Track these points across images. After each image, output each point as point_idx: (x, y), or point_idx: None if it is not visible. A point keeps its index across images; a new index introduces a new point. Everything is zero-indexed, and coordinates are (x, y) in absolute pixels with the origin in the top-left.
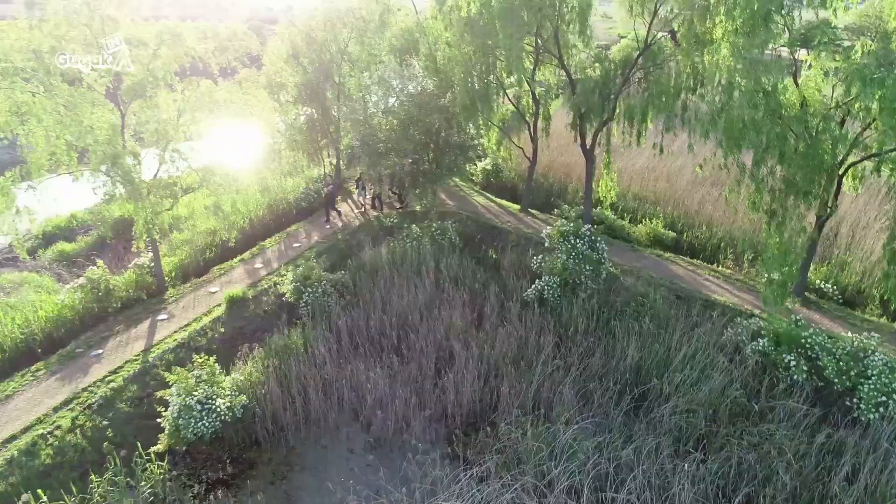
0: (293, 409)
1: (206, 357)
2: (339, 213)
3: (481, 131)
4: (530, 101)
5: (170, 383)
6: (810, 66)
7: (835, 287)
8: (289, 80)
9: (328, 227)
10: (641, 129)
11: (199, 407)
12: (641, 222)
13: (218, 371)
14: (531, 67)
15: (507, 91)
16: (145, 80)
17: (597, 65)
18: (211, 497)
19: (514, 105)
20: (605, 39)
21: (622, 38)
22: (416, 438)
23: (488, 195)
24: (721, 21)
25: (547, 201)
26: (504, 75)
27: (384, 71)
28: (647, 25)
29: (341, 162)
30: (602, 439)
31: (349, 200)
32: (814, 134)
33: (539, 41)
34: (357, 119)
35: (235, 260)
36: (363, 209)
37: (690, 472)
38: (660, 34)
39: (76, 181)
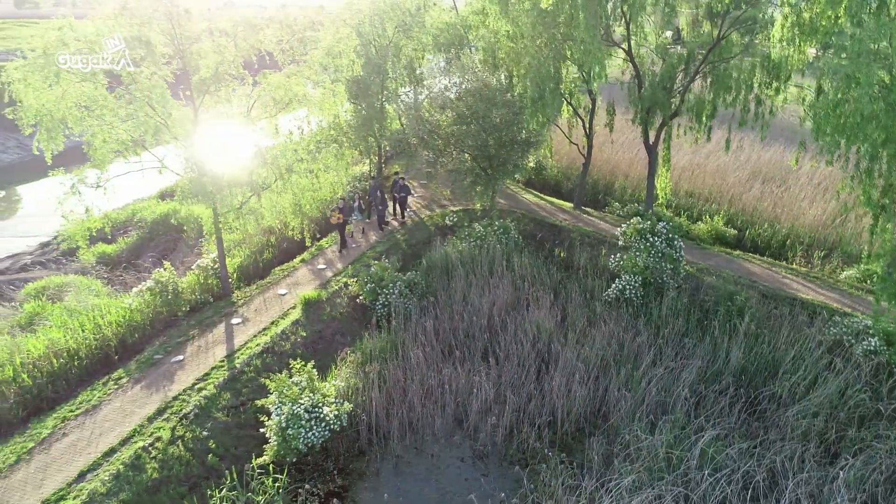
0: (398, 416)
1: (303, 363)
2: (345, 243)
3: (546, 126)
4: (584, 96)
5: (270, 391)
6: None
7: None
8: (341, 76)
9: (342, 252)
10: (709, 124)
11: (306, 416)
12: (699, 220)
13: (316, 377)
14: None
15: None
16: (222, 73)
17: (660, 59)
18: None
19: (566, 100)
20: None
21: None
22: (531, 445)
23: (536, 193)
24: (822, 9)
25: (594, 198)
26: (568, 71)
27: (440, 64)
28: (721, 18)
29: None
30: (745, 445)
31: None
32: None
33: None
34: (413, 114)
35: (297, 260)
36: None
37: (846, 478)
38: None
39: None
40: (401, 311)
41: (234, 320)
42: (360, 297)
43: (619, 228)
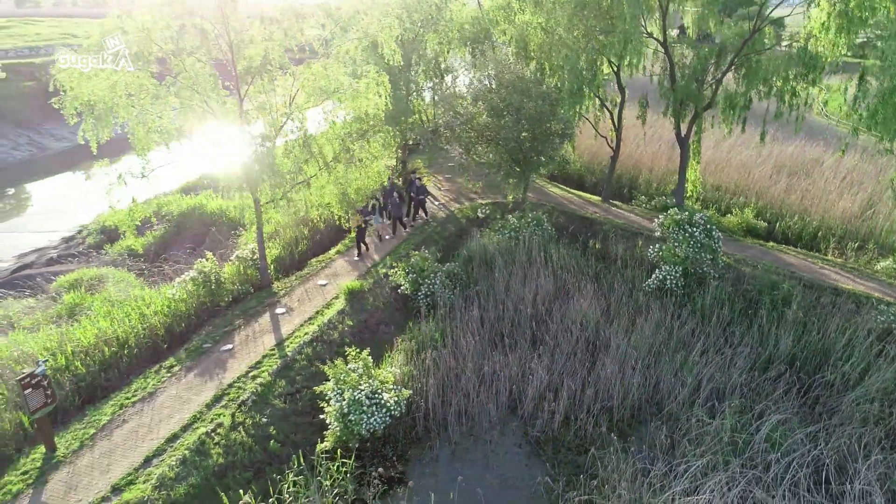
0: (455, 403)
1: (358, 350)
2: (367, 247)
3: (579, 117)
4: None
5: (328, 377)
6: None
7: None
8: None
9: (357, 259)
10: (743, 115)
11: (367, 402)
12: (727, 213)
13: (371, 364)
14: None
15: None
16: (269, 61)
17: (690, 51)
18: (395, 493)
19: (594, 93)
20: None
21: None
22: (588, 431)
23: (562, 186)
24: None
25: (619, 192)
26: (602, 62)
27: (466, 58)
28: (759, 8)
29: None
30: (810, 430)
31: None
32: None
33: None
34: (445, 106)
35: (332, 252)
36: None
37: None
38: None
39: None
40: (447, 300)
41: (279, 310)
42: (402, 288)
43: (655, 220)
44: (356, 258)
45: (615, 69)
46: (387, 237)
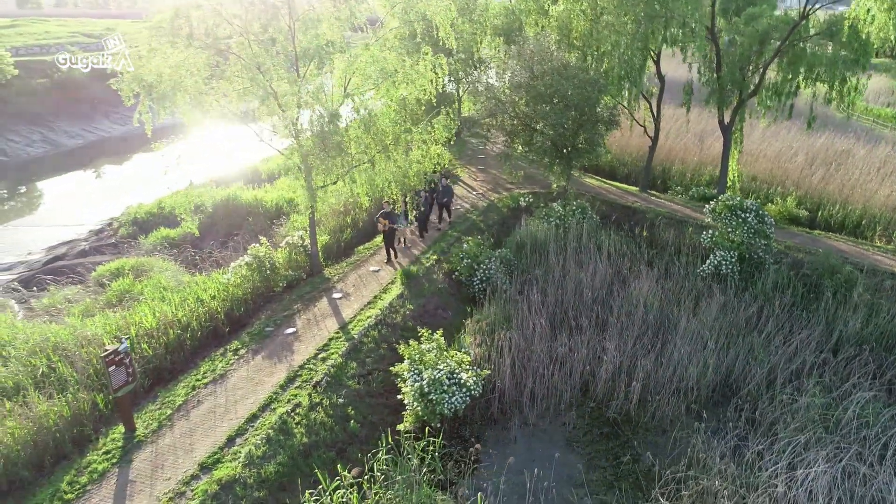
0: (528, 385)
1: (430, 331)
2: (392, 254)
3: (631, 103)
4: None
5: (404, 357)
6: None
7: None
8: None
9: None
10: (790, 102)
11: (447, 381)
12: (767, 202)
13: (444, 345)
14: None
15: None
16: (330, 41)
17: (735, 37)
18: (480, 472)
19: (637, 81)
20: None
21: None
22: (667, 413)
23: (596, 177)
24: None
25: (653, 182)
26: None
27: (500, 48)
28: None
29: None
30: None
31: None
32: None
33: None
34: (488, 95)
35: (378, 239)
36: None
37: None
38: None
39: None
40: (507, 285)
41: (335, 295)
42: (456, 273)
43: (706, 206)
44: (386, 262)
45: (655, 58)
46: (428, 234)
